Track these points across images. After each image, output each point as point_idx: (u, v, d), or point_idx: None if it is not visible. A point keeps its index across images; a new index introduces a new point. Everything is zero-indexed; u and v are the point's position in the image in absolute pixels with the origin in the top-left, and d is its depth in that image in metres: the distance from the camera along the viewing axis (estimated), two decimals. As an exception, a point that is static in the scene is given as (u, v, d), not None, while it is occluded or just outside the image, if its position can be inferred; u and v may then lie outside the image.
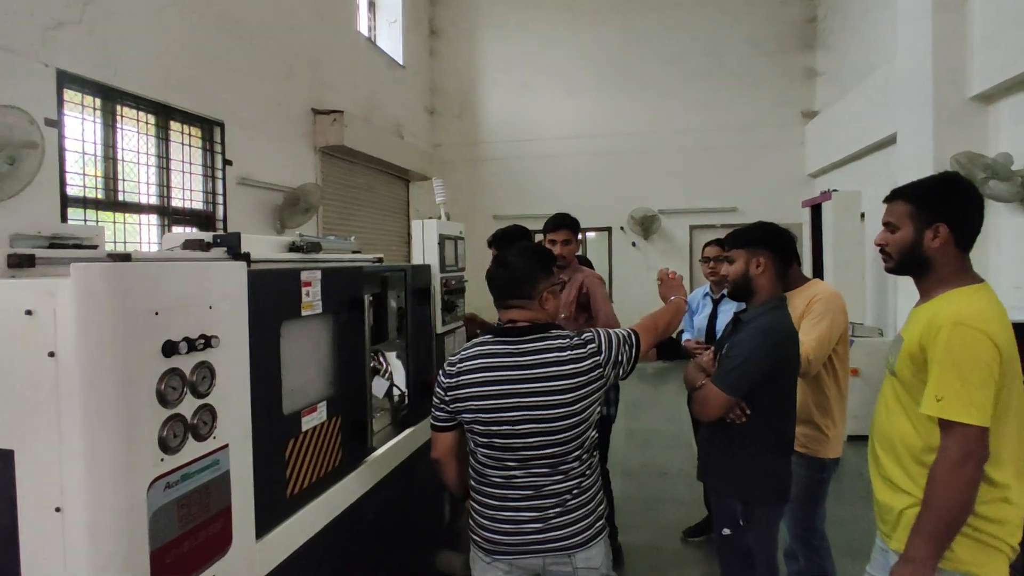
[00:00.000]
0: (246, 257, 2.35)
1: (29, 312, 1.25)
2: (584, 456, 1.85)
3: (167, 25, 4.66)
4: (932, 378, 1.49)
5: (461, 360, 1.90)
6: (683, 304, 2.19)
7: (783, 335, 2.04)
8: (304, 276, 1.92)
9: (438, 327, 3.12)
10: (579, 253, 3.63)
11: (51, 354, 1.23)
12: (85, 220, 3.98)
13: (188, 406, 1.39)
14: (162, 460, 1.32)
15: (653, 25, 10.79)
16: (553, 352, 1.80)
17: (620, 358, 1.86)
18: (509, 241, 3.39)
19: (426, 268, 3.07)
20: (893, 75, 6.23)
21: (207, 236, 2.34)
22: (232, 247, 2.34)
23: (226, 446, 1.51)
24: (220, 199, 5.27)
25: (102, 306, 1.21)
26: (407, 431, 2.72)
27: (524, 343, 1.82)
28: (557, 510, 1.81)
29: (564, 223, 3.23)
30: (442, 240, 3.20)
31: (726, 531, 2.10)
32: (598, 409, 1.88)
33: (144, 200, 4.62)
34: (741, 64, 10.57)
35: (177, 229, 4.90)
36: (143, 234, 4.57)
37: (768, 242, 2.11)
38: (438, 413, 1.95)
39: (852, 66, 8.79)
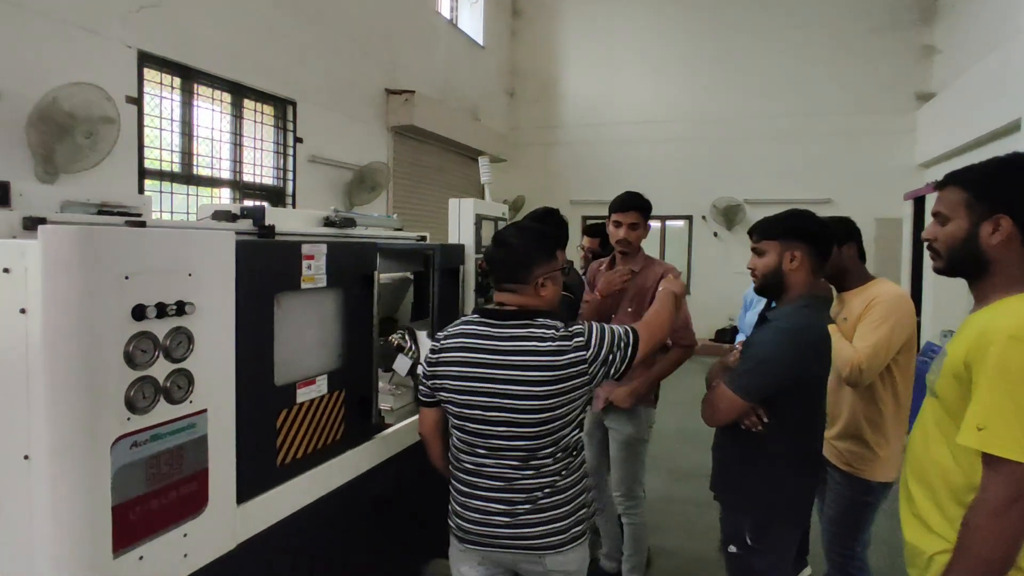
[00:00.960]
0: (270, 230, 2.41)
1: (6, 270, 1.31)
2: (559, 455, 1.74)
3: (242, 7, 4.87)
4: (975, 402, 1.23)
5: (446, 336, 1.85)
6: (673, 292, 2.01)
7: (813, 337, 1.82)
8: (306, 249, 1.92)
9: (468, 308, 3.09)
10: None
11: (22, 311, 1.29)
12: (160, 192, 4.26)
13: (160, 369, 1.42)
14: (128, 419, 1.36)
15: (742, 6, 10.16)
16: (534, 341, 1.69)
17: (611, 358, 1.71)
18: (546, 224, 3.27)
19: (459, 248, 3.04)
20: (1016, 54, 5.54)
21: (235, 208, 2.42)
22: (257, 219, 2.41)
23: (204, 411, 1.55)
24: (290, 175, 5.48)
25: (67, 268, 1.26)
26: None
27: (505, 327, 1.73)
28: (527, 507, 1.72)
29: (633, 203, 2.84)
30: (479, 220, 3.15)
31: (732, 549, 1.93)
32: (580, 410, 1.75)
33: (217, 175, 4.88)
34: (847, 40, 9.75)
35: (248, 203, 5.15)
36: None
37: (805, 234, 1.89)
38: (422, 388, 1.91)
39: (975, 43, 7.90)
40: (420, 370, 1.92)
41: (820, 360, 1.88)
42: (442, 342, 1.83)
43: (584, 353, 1.68)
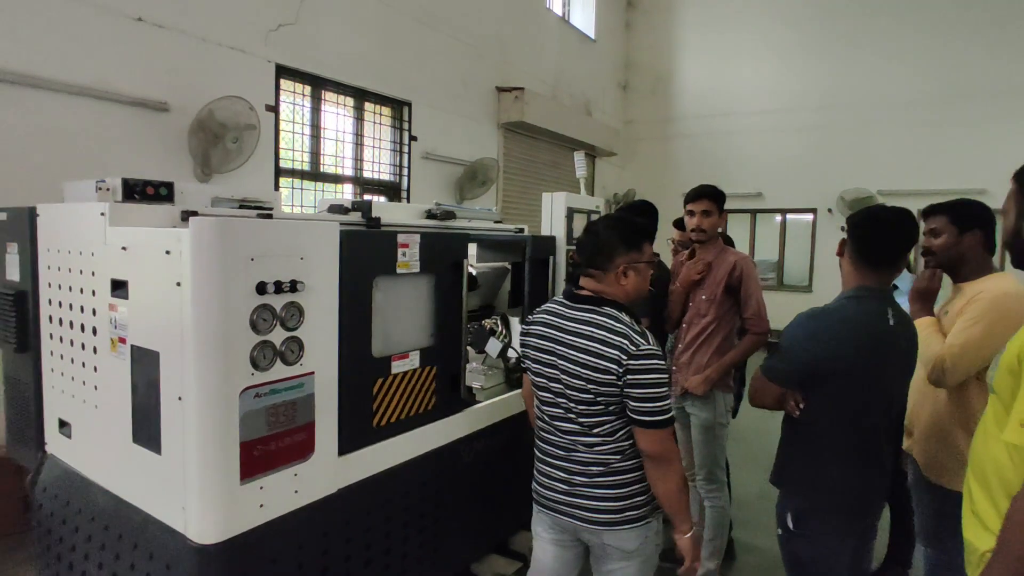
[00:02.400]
0: (376, 221, 2.72)
1: (168, 252, 1.66)
2: (609, 440, 1.81)
3: (364, 20, 5.33)
4: (1021, 398, 1.22)
5: (538, 311, 2.00)
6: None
7: (835, 323, 1.81)
8: (401, 238, 2.18)
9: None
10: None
11: (178, 284, 1.63)
12: (292, 188, 4.80)
13: (278, 336, 1.73)
14: (252, 374, 1.68)
15: None
16: (592, 327, 1.79)
17: (639, 394, 1.70)
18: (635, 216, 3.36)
19: (550, 239, 3.20)
20: None
21: (347, 202, 2.75)
22: (365, 212, 2.72)
23: (312, 373, 1.85)
24: (406, 171, 5.91)
25: (208, 250, 1.58)
26: (515, 392, 2.90)
27: (576, 310, 1.86)
28: (582, 479, 1.83)
29: (705, 192, 2.92)
30: (570, 213, 3.29)
31: (779, 531, 1.96)
32: (619, 403, 1.77)
33: (341, 172, 5.39)
34: (1002, 16, 8.71)
35: (368, 198, 5.63)
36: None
37: (850, 227, 1.89)
38: (522, 358, 2.05)
39: None
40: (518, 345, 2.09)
41: (846, 346, 1.80)
42: (534, 316, 2.00)
43: (620, 367, 1.70)
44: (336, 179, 5.34)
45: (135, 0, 3.80)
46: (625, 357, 1.71)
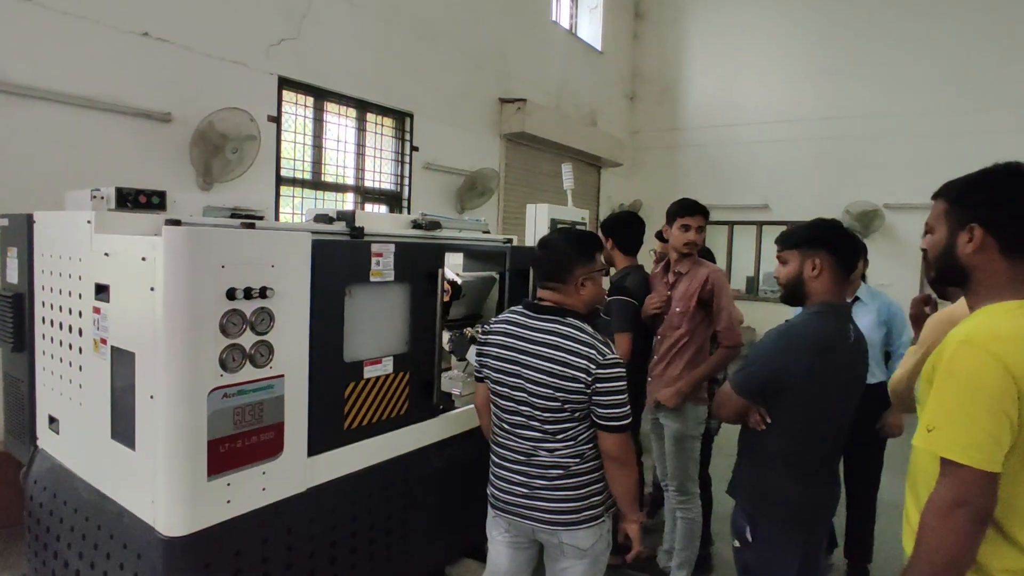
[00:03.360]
0: (360, 231, 2.82)
1: (144, 259, 1.77)
2: (571, 444, 1.89)
3: (366, 33, 5.47)
4: (929, 404, 1.28)
5: (495, 322, 2.09)
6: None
7: (805, 340, 1.86)
8: (375, 248, 2.27)
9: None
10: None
11: (152, 289, 1.73)
12: (293, 197, 4.93)
13: (247, 339, 1.82)
14: (221, 376, 1.77)
15: None
16: (558, 337, 1.88)
17: (605, 402, 1.82)
18: (621, 226, 3.40)
19: (531, 250, 3.27)
20: None
21: (332, 212, 2.85)
22: (349, 222, 2.82)
23: (281, 376, 1.94)
24: (407, 181, 6.03)
25: (179, 258, 1.68)
26: (494, 397, 2.98)
27: (539, 320, 1.94)
28: (542, 483, 1.91)
29: (701, 208, 2.97)
30: (554, 224, 3.38)
31: (736, 543, 2.01)
32: (586, 409, 1.87)
33: (342, 181, 5.52)
34: (1018, 28, 8.59)
35: (369, 206, 5.76)
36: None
37: (826, 243, 1.94)
38: (475, 364, 2.17)
39: None
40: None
41: (808, 361, 1.84)
42: (491, 325, 2.08)
43: (588, 376, 1.81)
44: (337, 188, 5.47)
45: (142, 16, 3.96)
46: (594, 366, 1.82)
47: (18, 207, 3.38)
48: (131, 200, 2.39)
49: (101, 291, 1.98)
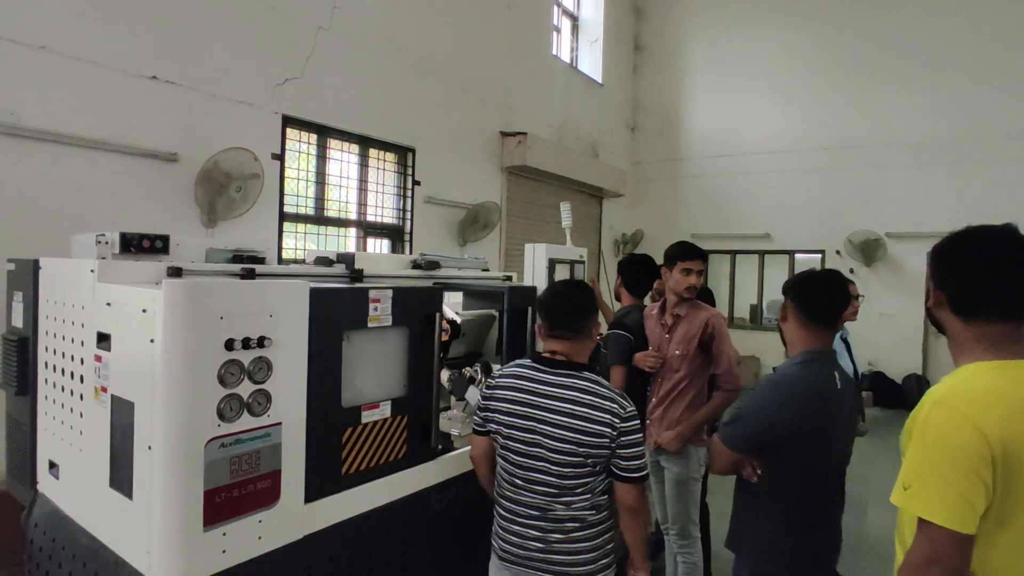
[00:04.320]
0: (359, 273, 2.86)
1: (144, 310, 1.80)
2: (588, 496, 1.92)
3: (368, 71, 5.59)
4: (905, 462, 1.30)
5: (501, 375, 2.11)
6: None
7: (793, 392, 1.87)
8: (373, 294, 2.30)
9: (540, 346, 3.33)
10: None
11: (152, 340, 1.77)
12: (296, 233, 5.00)
13: (245, 389, 1.84)
14: (219, 425, 1.79)
15: (891, 21, 9.38)
16: (577, 392, 1.91)
17: (627, 455, 1.86)
18: (635, 271, 3.44)
19: (530, 289, 3.31)
20: None
21: (332, 255, 2.90)
22: (348, 264, 2.86)
23: (279, 424, 1.95)
24: (408, 215, 6.11)
25: (178, 311, 1.71)
26: (493, 437, 2.98)
27: (555, 375, 1.97)
28: (559, 536, 1.92)
29: (702, 252, 3.00)
30: (552, 264, 3.41)
31: None
32: (606, 462, 1.89)
33: (345, 216, 5.59)
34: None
35: (371, 241, 5.82)
36: (342, 244, 5.55)
37: (790, 290, 1.98)
38: (476, 418, 2.20)
39: None
40: (477, 406, 2.20)
41: (796, 413, 1.86)
42: (497, 379, 2.11)
43: (613, 430, 1.85)
44: (340, 223, 5.54)
45: (151, 59, 4.08)
46: (618, 421, 1.87)
47: (26, 249, 3.44)
48: (135, 245, 2.44)
49: (103, 340, 2.01)
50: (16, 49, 3.51)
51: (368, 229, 5.79)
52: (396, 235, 6.09)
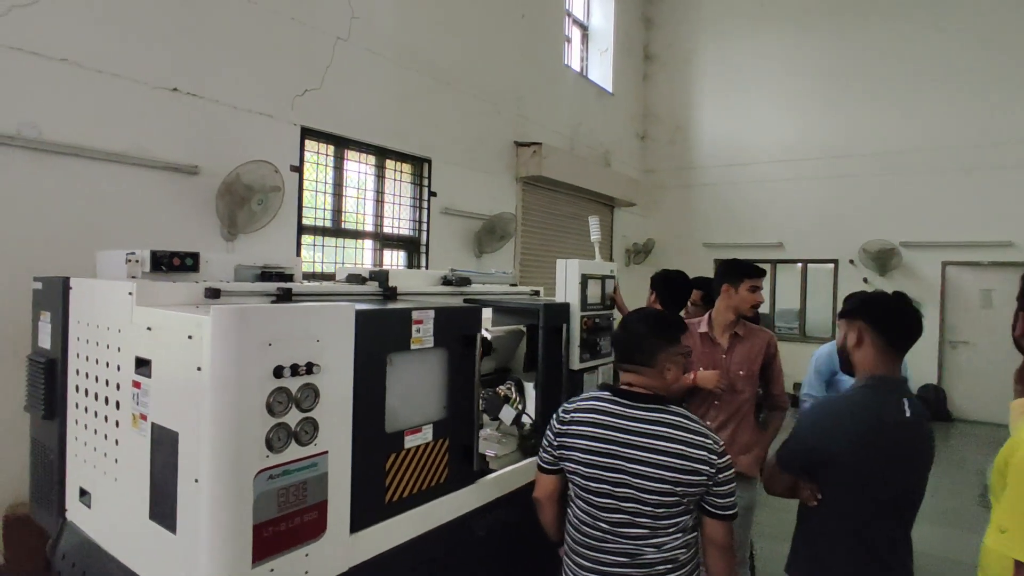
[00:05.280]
0: (393, 291, 2.79)
1: (190, 337, 1.73)
2: (680, 535, 1.82)
3: (385, 82, 5.55)
4: (1001, 503, 1.25)
5: (576, 409, 1.99)
6: None
7: (849, 414, 1.79)
8: (416, 315, 2.23)
9: (575, 364, 3.25)
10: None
11: (199, 368, 1.69)
12: (314, 245, 4.93)
13: (293, 417, 1.77)
14: (267, 456, 1.71)
15: (903, 27, 9.31)
16: (667, 427, 1.81)
17: (720, 492, 1.79)
18: (671, 287, 3.38)
19: (564, 306, 3.23)
20: None
21: (364, 272, 2.83)
22: (382, 282, 2.79)
23: (325, 452, 1.87)
24: (425, 226, 6.04)
25: (227, 338, 1.63)
26: (529, 460, 2.88)
27: (640, 409, 1.87)
28: None
29: (763, 271, 3.01)
30: (584, 279, 3.33)
31: None
32: (699, 499, 1.82)
33: (361, 227, 5.52)
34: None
35: (387, 252, 5.75)
36: (359, 256, 5.48)
37: (866, 314, 1.89)
38: (544, 455, 2.07)
39: None
40: (544, 439, 2.09)
41: (852, 436, 1.77)
42: (571, 414, 1.98)
43: (711, 468, 1.76)
44: (356, 235, 5.47)
45: (172, 71, 4.02)
46: (715, 457, 1.79)
47: (48, 265, 3.38)
48: (166, 263, 2.39)
49: (142, 365, 1.94)
50: (37, 61, 3.45)
51: (384, 241, 5.72)
52: (412, 247, 6.03)
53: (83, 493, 2.25)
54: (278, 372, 1.71)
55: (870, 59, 9.56)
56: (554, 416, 2.06)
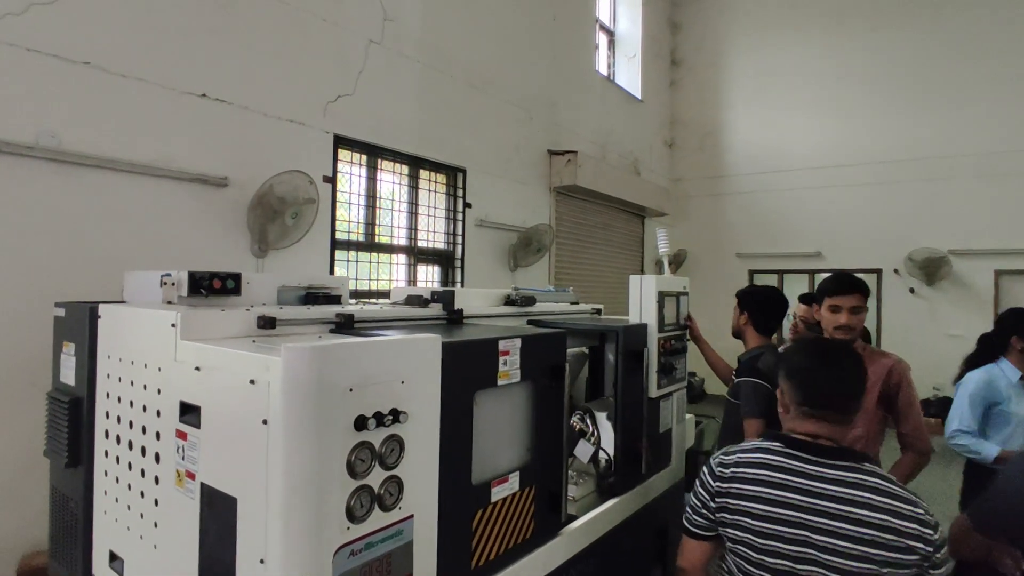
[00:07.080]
0: (459, 313, 2.46)
1: (252, 381, 1.40)
2: None
3: (419, 88, 5.25)
4: None
5: (738, 464, 1.65)
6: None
7: None
8: (502, 345, 1.90)
9: (652, 391, 2.92)
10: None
11: (264, 422, 1.36)
12: (347, 260, 4.61)
13: (376, 477, 1.43)
14: (348, 528, 1.38)
15: (950, 26, 8.91)
16: (866, 491, 1.46)
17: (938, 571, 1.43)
18: (763, 305, 3.00)
19: (642, 328, 2.90)
20: None
21: (426, 292, 2.50)
22: (447, 303, 2.46)
23: (411, 517, 1.54)
24: (459, 239, 5.72)
25: (303, 385, 1.31)
26: (612, 501, 2.57)
27: (827, 467, 1.52)
28: None
29: (856, 285, 2.48)
30: (661, 298, 2.99)
31: None
32: None
33: (395, 241, 5.21)
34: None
35: (421, 267, 5.43)
36: (392, 272, 5.16)
37: None
38: (697, 518, 1.73)
39: None
40: (694, 498, 1.75)
41: None
42: (732, 470, 1.65)
43: (930, 533, 1.42)
44: (390, 249, 5.16)
45: (200, 76, 3.74)
46: (930, 532, 1.42)
47: (67, 285, 3.07)
48: (205, 286, 2.07)
49: (189, 412, 1.61)
50: (57, 65, 3.17)
51: (418, 255, 5.40)
52: (446, 261, 5.70)
53: (114, 558, 1.92)
54: (360, 424, 1.38)
55: (914, 59, 9.15)
56: (704, 470, 1.72)
